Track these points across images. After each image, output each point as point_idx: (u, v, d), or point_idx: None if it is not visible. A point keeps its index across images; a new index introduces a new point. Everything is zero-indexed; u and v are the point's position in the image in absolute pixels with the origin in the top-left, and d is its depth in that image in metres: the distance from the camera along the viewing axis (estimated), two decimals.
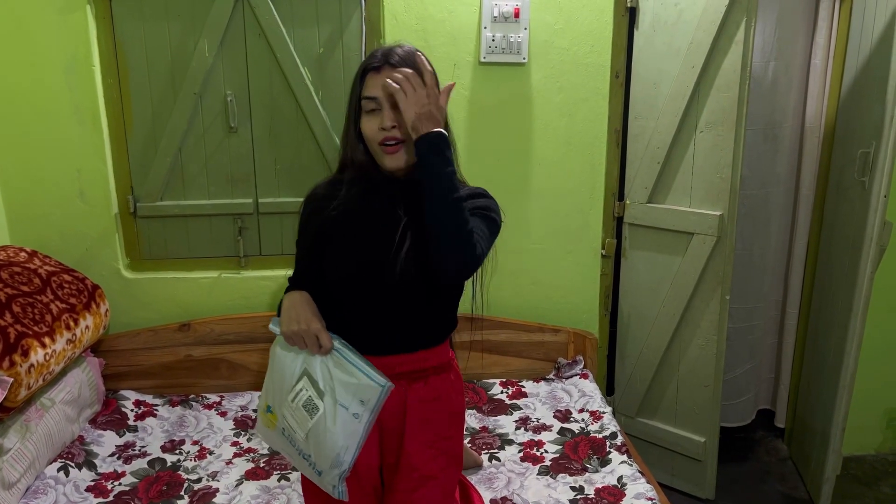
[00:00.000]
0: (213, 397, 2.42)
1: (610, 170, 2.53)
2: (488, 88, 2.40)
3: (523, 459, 2.09)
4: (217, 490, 1.94)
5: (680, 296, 2.45)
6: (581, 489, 1.93)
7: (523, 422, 2.29)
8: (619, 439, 2.13)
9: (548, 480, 1.98)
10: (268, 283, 2.48)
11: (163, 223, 2.47)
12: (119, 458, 2.09)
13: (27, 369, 1.82)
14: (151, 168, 2.41)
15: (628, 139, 2.52)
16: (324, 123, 2.40)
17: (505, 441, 2.19)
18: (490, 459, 2.09)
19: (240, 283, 2.49)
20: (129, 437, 2.20)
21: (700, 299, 2.42)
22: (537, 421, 2.29)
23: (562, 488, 1.94)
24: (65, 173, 2.34)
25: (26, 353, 1.83)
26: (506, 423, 2.28)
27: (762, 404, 3.01)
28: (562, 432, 2.22)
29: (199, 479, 1.99)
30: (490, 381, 2.52)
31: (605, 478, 1.97)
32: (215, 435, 2.23)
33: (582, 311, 2.62)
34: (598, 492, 1.91)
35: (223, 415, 2.33)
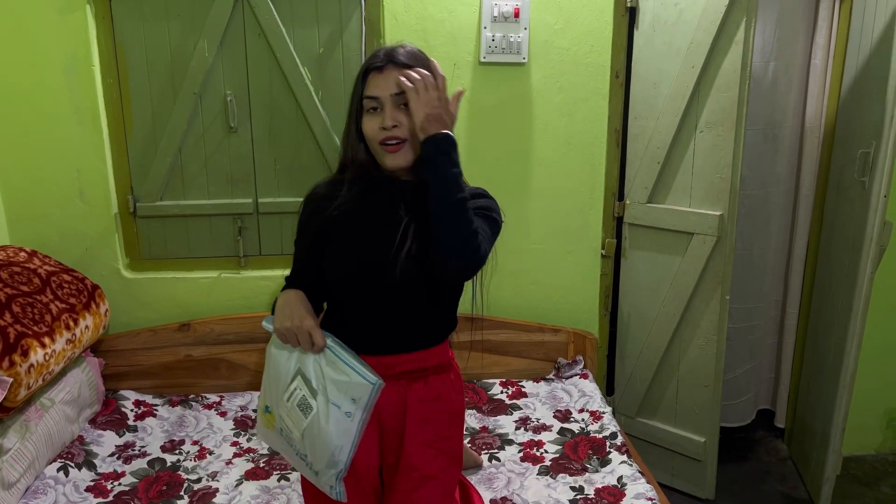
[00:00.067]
0: (213, 397, 2.42)
1: (610, 170, 2.53)
2: (488, 88, 2.40)
3: (523, 459, 2.09)
4: (217, 490, 1.94)
5: (680, 296, 2.45)
6: (581, 489, 1.93)
7: (523, 422, 2.29)
8: (619, 439, 2.13)
9: (548, 480, 1.98)
10: (268, 283, 2.48)
11: (162, 223, 2.47)
12: (119, 458, 2.09)
13: (27, 369, 1.82)
14: (151, 168, 2.41)
15: (628, 139, 2.52)
16: (324, 123, 2.40)
17: (505, 441, 2.19)
18: (490, 459, 2.09)
19: (240, 283, 2.49)
20: (128, 437, 2.20)
21: (700, 299, 2.42)
22: (537, 421, 2.29)
23: (562, 488, 1.94)
24: (64, 173, 2.34)
25: (26, 353, 1.83)
26: (506, 423, 2.28)
27: (762, 404, 3.01)
28: (562, 432, 2.22)
29: (199, 480, 1.99)
30: (490, 381, 2.52)
31: (605, 478, 1.97)
32: (215, 435, 2.23)
33: (582, 311, 2.62)
34: (598, 492, 1.91)
35: (223, 415, 2.33)
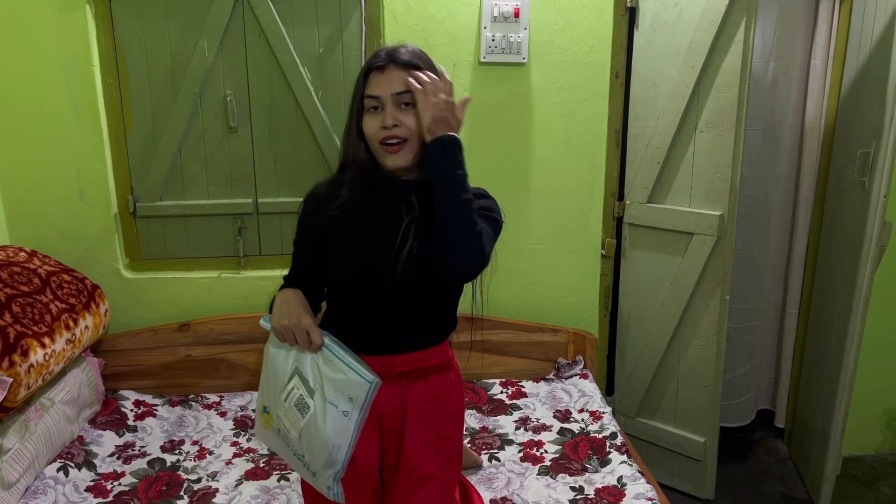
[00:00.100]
0: (213, 397, 2.42)
1: (610, 170, 2.53)
2: (488, 88, 2.39)
3: (523, 459, 2.09)
4: (217, 490, 1.94)
5: (680, 296, 2.45)
6: (581, 489, 1.93)
7: (523, 422, 2.29)
8: (619, 439, 2.13)
9: (547, 480, 1.98)
10: (267, 283, 2.48)
11: (162, 223, 2.46)
12: (119, 458, 2.09)
13: (27, 369, 1.81)
14: (151, 168, 2.41)
15: (628, 139, 2.52)
16: (323, 123, 2.39)
17: (505, 441, 2.18)
18: (490, 459, 2.08)
19: (239, 283, 2.49)
20: (128, 437, 2.20)
21: (700, 299, 2.42)
22: (537, 421, 2.29)
23: (561, 488, 1.94)
24: (64, 173, 2.34)
25: (26, 353, 1.83)
26: (505, 424, 2.28)
27: (762, 404, 3.01)
28: (562, 432, 2.22)
29: (199, 480, 1.99)
30: (490, 381, 2.52)
31: (604, 478, 1.97)
32: (215, 435, 2.23)
33: (582, 311, 2.62)
34: (597, 492, 1.91)
35: (223, 415, 2.33)
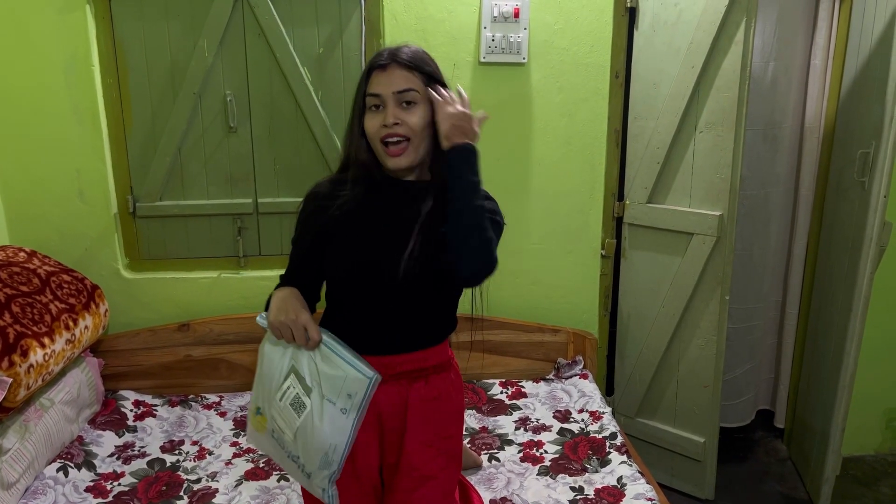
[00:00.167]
0: (213, 397, 2.42)
1: (610, 170, 2.53)
2: (488, 88, 2.39)
3: (523, 460, 2.09)
4: (216, 490, 1.94)
5: (679, 296, 2.45)
6: (581, 489, 1.93)
7: (523, 422, 2.29)
8: (619, 439, 2.13)
9: (547, 481, 1.98)
10: (267, 283, 2.47)
11: (162, 223, 2.46)
12: (118, 458, 2.09)
13: (26, 369, 1.81)
14: (151, 168, 2.41)
15: (628, 139, 2.51)
16: (323, 123, 2.39)
17: (504, 441, 2.18)
18: (490, 460, 2.08)
19: (239, 284, 2.49)
20: (128, 437, 2.20)
21: (700, 299, 2.42)
22: (537, 421, 2.29)
23: (561, 489, 1.94)
24: (64, 173, 2.34)
25: (25, 354, 1.82)
26: (505, 424, 2.28)
27: (762, 404, 3.01)
28: (561, 432, 2.22)
29: (199, 480, 1.99)
30: (490, 381, 2.52)
31: (604, 478, 1.97)
32: (215, 435, 2.23)
33: (581, 312, 2.62)
34: (597, 492, 1.91)
35: (222, 415, 2.33)
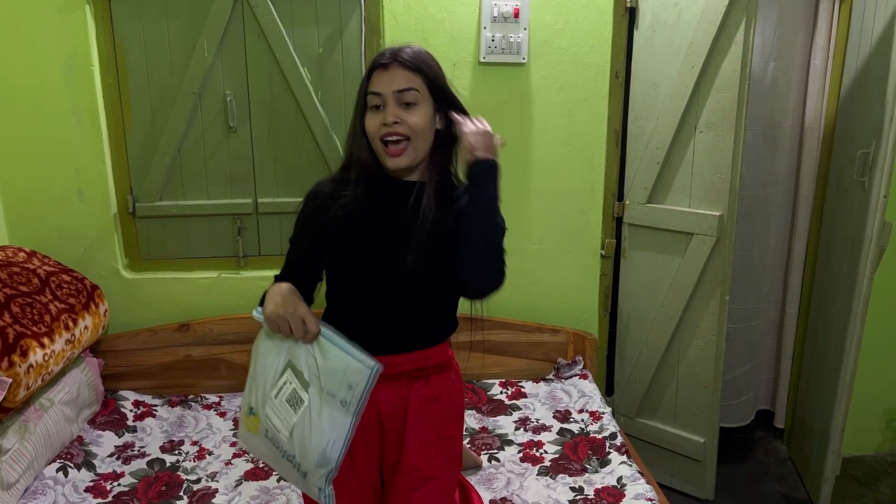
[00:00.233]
0: (213, 398, 2.42)
1: (609, 170, 2.53)
2: (488, 88, 2.39)
3: (523, 460, 2.09)
4: (216, 491, 1.94)
5: (679, 296, 2.45)
6: (581, 490, 1.93)
7: (523, 422, 2.29)
8: (619, 440, 2.13)
9: (547, 481, 1.98)
10: (267, 284, 2.44)
11: (162, 223, 2.46)
12: (118, 458, 2.09)
13: (26, 370, 1.81)
14: (150, 168, 2.41)
15: (628, 139, 2.51)
16: (323, 123, 2.39)
17: (504, 441, 2.18)
18: (489, 460, 2.08)
19: (239, 284, 2.48)
20: (128, 437, 2.20)
21: (699, 300, 2.42)
22: (537, 421, 2.29)
23: (561, 489, 1.94)
24: (64, 173, 2.34)
25: (25, 354, 1.82)
26: (505, 424, 2.28)
27: (761, 405, 3.01)
28: (561, 433, 2.22)
29: (199, 480, 1.99)
30: (489, 381, 2.52)
31: (604, 478, 1.97)
32: (214, 435, 2.22)
33: (581, 312, 2.62)
34: (597, 492, 1.91)
35: (222, 415, 2.33)
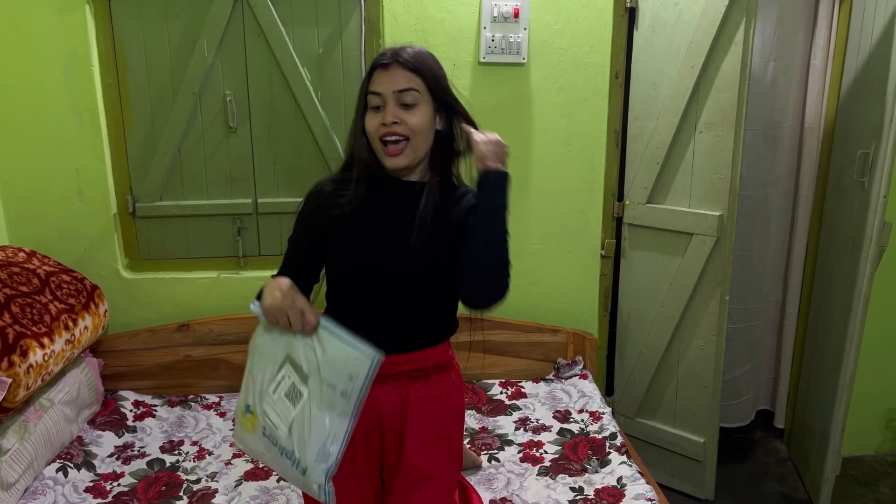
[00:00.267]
0: (213, 398, 2.42)
1: (609, 170, 2.53)
2: (488, 89, 2.39)
3: (523, 460, 2.09)
4: (216, 491, 1.94)
5: (679, 296, 2.45)
6: (581, 490, 1.93)
7: (523, 422, 2.29)
8: (619, 440, 2.13)
9: (547, 481, 1.98)
10: None
11: (162, 223, 2.46)
12: (118, 458, 2.09)
13: (26, 370, 1.81)
14: (150, 168, 2.41)
15: (628, 139, 2.51)
16: (323, 123, 2.39)
17: (504, 442, 2.18)
18: (489, 460, 2.08)
19: (239, 284, 2.48)
20: (128, 437, 2.20)
21: (699, 300, 2.42)
22: (537, 421, 2.29)
23: (561, 489, 1.94)
24: (63, 173, 2.34)
25: (25, 354, 1.82)
26: (505, 424, 2.28)
27: (761, 405, 3.01)
28: (561, 433, 2.22)
29: (199, 480, 1.99)
30: (489, 381, 2.52)
31: (604, 478, 1.97)
32: (214, 435, 2.22)
33: (581, 312, 2.62)
34: (597, 492, 1.91)
35: (222, 415, 2.33)
